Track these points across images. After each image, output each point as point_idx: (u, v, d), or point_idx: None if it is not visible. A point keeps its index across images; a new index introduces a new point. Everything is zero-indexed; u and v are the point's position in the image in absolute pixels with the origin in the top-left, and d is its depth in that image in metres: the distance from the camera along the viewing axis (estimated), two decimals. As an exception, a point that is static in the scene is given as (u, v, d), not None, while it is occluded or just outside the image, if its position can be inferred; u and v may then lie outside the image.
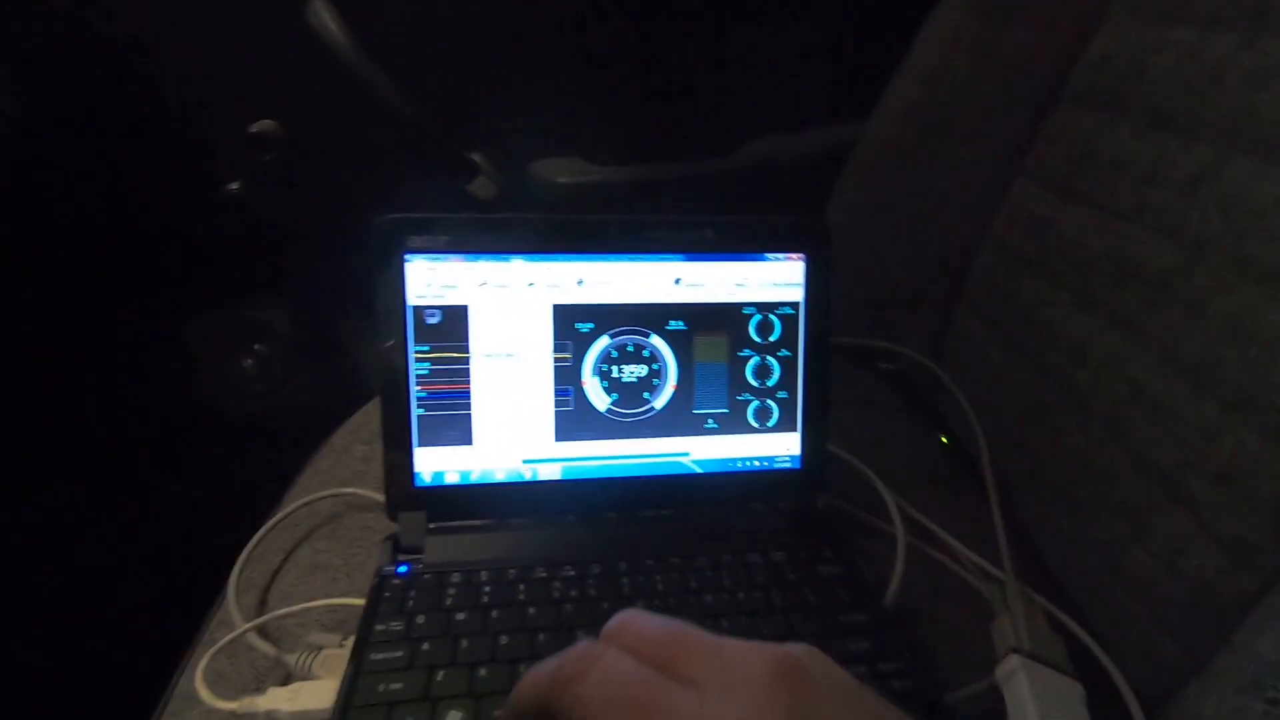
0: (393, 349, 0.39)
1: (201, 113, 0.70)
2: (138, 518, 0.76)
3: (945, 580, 0.45)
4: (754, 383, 0.43)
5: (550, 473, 0.42)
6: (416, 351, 0.40)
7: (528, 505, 0.42)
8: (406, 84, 0.65)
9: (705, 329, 0.43)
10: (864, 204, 0.59)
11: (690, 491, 0.43)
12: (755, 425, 0.44)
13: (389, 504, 0.41)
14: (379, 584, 0.37)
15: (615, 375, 0.42)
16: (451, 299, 0.40)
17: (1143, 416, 0.36)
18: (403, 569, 0.38)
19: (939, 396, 0.58)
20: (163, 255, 0.77)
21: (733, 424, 0.43)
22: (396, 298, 0.39)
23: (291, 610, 0.39)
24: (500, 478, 0.42)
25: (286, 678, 0.36)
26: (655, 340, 0.42)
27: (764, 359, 0.43)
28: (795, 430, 0.44)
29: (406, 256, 0.39)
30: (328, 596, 0.41)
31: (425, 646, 0.33)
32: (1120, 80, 0.43)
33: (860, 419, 0.60)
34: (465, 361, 0.40)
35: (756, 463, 0.44)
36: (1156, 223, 0.39)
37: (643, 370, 0.42)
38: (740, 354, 0.43)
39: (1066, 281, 0.44)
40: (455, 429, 0.41)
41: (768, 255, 0.43)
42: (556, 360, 0.41)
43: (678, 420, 0.43)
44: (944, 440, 0.60)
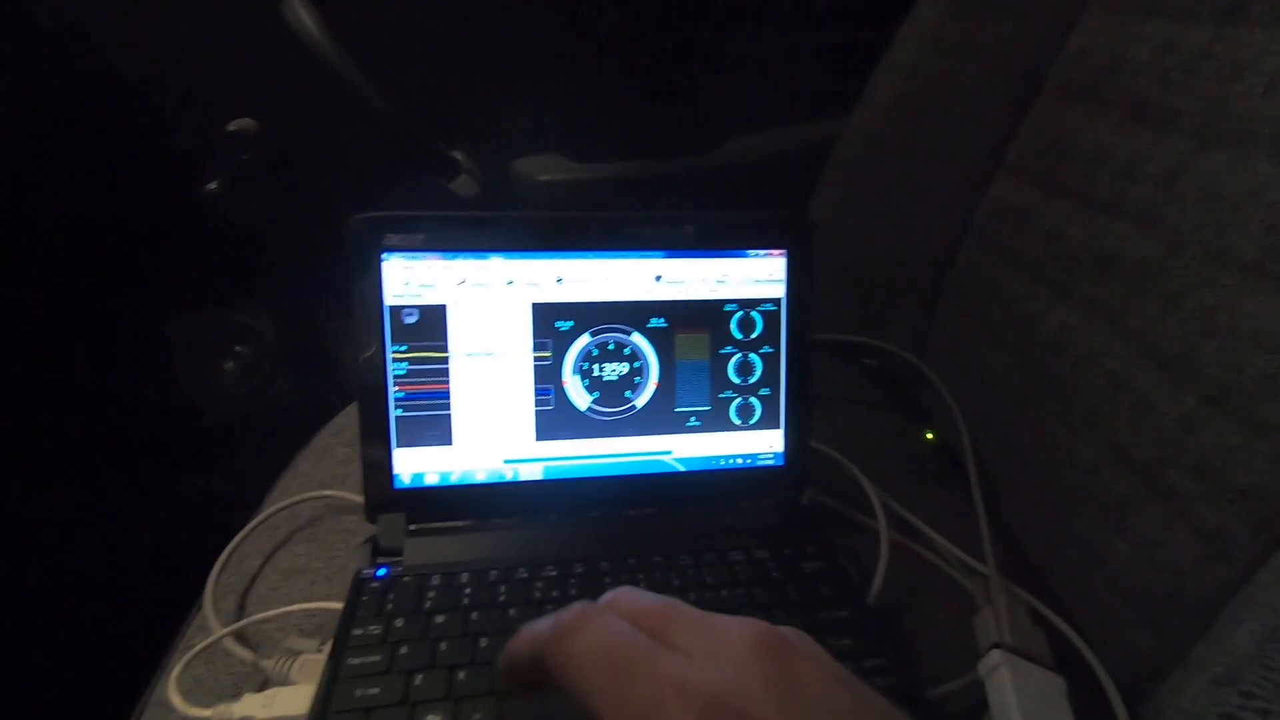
0: (370, 349, 0.39)
1: (178, 112, 0.69)
2: (118, 522, 0.75)
3: (929, 575, 0.44)
4: (736, 380, 0.43)
5: (531, 473, 0.42)
6: (394, 351, 0.39)
7: (509, 505, 0.42)
8: (387, 81, 0.64)
9: (687, 326, 0.42)
10: (846, 199, 0.59)
11: (673, 490, 0.43)
12: (738, 423, 0.43)
13: (368, 506, 0.40)
14: (357, 587, 0.37)
15: (596, 374, 0.41)
16: (429, 298, 0.39)
17: (1122, 410, 0.36)
18: (381, 572, 0.38)
19: (923, 391, 0.58)
20: (141, 257, 0.76)
21: (715, 422, 0.43)
22: (374, 297, 0.39)
23: (269, 615, 0.39)
24: (481, 478, 0.41)
25: (264, 683, 0.36)
26: (636, 338, 0.42)
27: (746, 356, 0.43)
28: (778, 427, 0.44)
29: (383, 255, 0.39)
30: (307, 600, 0.40)
31: (403, 650, 0.33)
32: (1098, 73, 0.43)
33: (845, 415, 0.60)
34: (444, 361, 0.40)
35: (740, 460, 0.44)
36: (1135, 215, 0.39)
37: (624, 368, 0.42)
38: (722, 351, 0.43)
39: (1047, 275, 0.44)
40: (434, 429, 0.40)
41: (749, 251, 0.43)
42: (536, 359, 0.41)
43: (660, 418, 0.43)
44: (929, 436, 0.60)
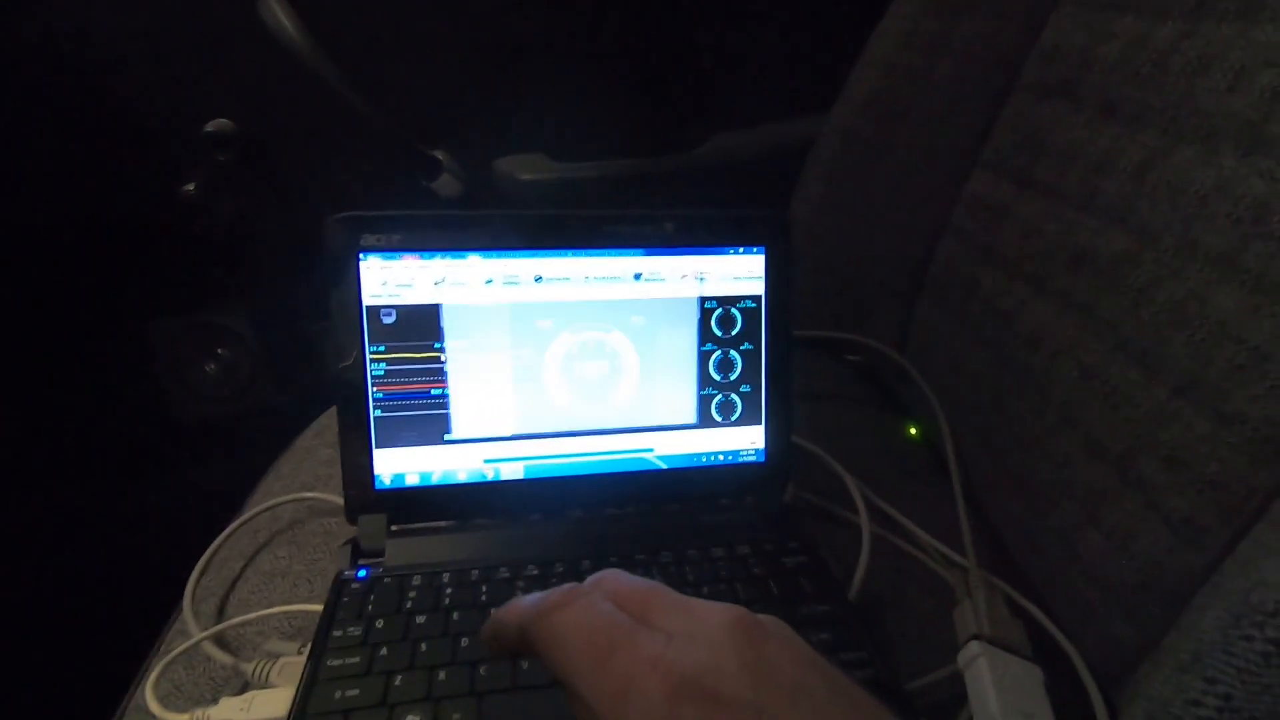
0: (348, 350, 0.39)
1: (155, 113, 0.68)
2: (98, 525, 0.74)
3: (911, 568, 0.45)
4: (717, 377, 0.43)
5: (512, 472, 0.42)
6: (373, 352, 0.39)
7: (490, 505, 0.42)
8: (368, 82, 0.64)
9: (666, 324, 0.42)
10: (827, 196, 0.59)
11: (655, 488, 0.43)
12: (719, 420, 0.44)
13: (348, 508, 0.40)
14: (337, 589, 0.37)
15: (576, 372, 0.41)
16: (407, 298, 0.39)
17: (1096, 402, 0.37)
18: (362, 573, 0.38)
19: (905, 387, 0.58)
20: (120, 259, 0.76)
21: (696, 419, 0.43)
22: (351, 298, 0.39)
23: (249, 618, 0.39)
24: (462, 478, 0.41)
25: (244, 687, 0.35)
26: (616, 336, 0.42)
27: (726, 353, 0.43)
28: (759, 424, 0.44)
29: (361, 256, 0.39)
30: (288, 603, 0.40)
31: (383, 651, 0.33)
32: (1071, 69, 0.43)
33: (828, 411, 0.60)
34: (423, 361, 0.40)
35: (721, 457, 0.44)
36: (1107, 210, 0.39)
37: (604, 366, 0.42)
38: (702, 348, 0.43)
39: (1023, 269, 0.44)
40: (414, 430, 0.40)
41: (728, 249, 0.43)
42: (516, 358, 0.41)
43: (640, 416, 0.43)
44: (912, 431, 0.60)
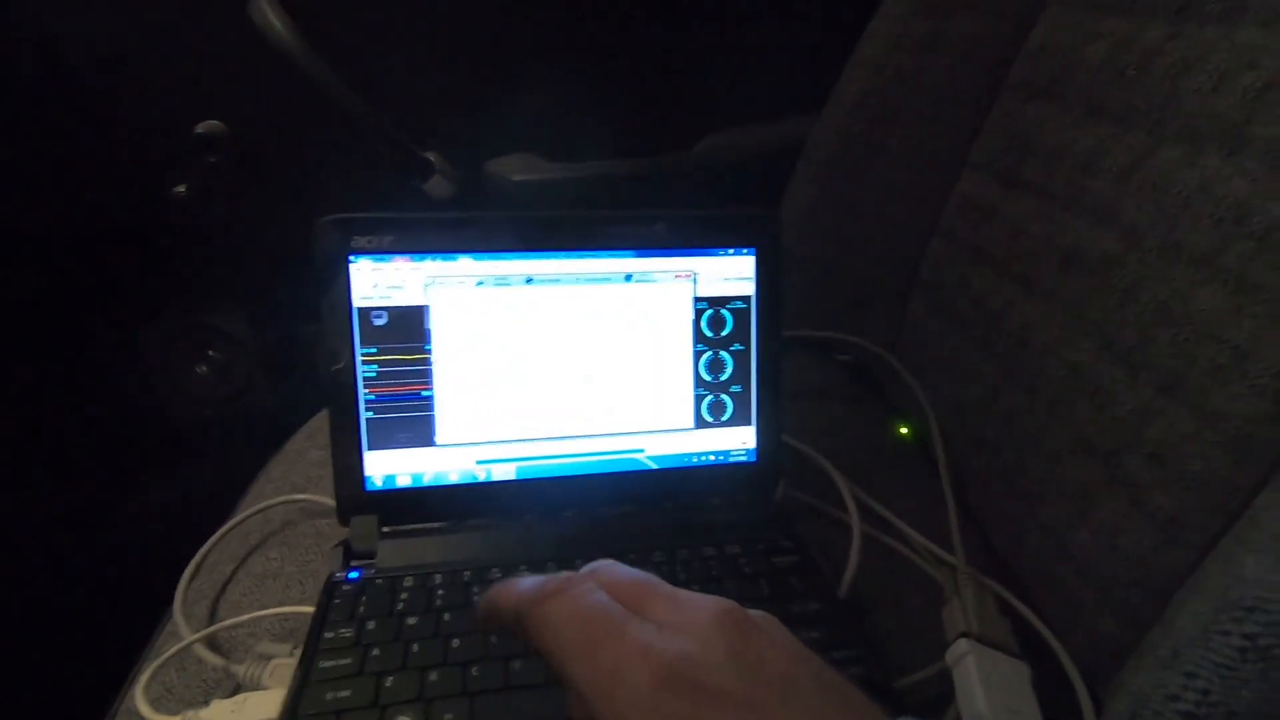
0: (339, 352, 0.39)
1: (146, 115, 0.68)
2: (91, 528, 0.74)
3: (901, 567, 0.45)
4: (707, 377, 0.43)
5: (504, 473, 0.42)
6: (364, 354, 0.39)
7: (482, 506, 0.42)
8: (359, 83, 0.64)
9: (657, 324, 0.42)
10: (819, 196, 0.59)
11: (647, 488, 0.43)
12: (710, 420, 0.44)
13: (340, 509, 0.40)
14: (329, 590, 0.37)
15: (567, 373, 0.42)
16: (398, 300, 0.39)
17: (1083, 400, 0.37)
18: (354, 574, 0.38)
19: (895, 386, 0.59)
20: (112, 260, 0.75)
21: (687, 419, 0.43)
22: (342, 299, 0.39)
23: (240, 620, 0.39)
24: (453, 479, 0.41)
25: (236, 689, 0.35)
26: (607, 337, 0.42)
27: (717, 354, 0.43)
28: (750, 424, 0.44)
29: (351, 258, 0.39)
30: (280, 605, 0.40)
31: (375, 652, 0.33)
32: (1058, 70, 0.44)
33: (820, 410, 0.60)
34: (414, 363, 0.40)
35: (712, 458, 0.44)
36: (1094, 210, 0.39)
37: (595, 367, 0.42)
38: (694, 349, 0.43)
39: (1012, 269, 0.45)
40: (406, 431, 0.40)
41: (718, 250, 0.43)
42: (507, 359, 0.41)
43: (632, 417, 0.43)
44: (903, 430, 0.60)
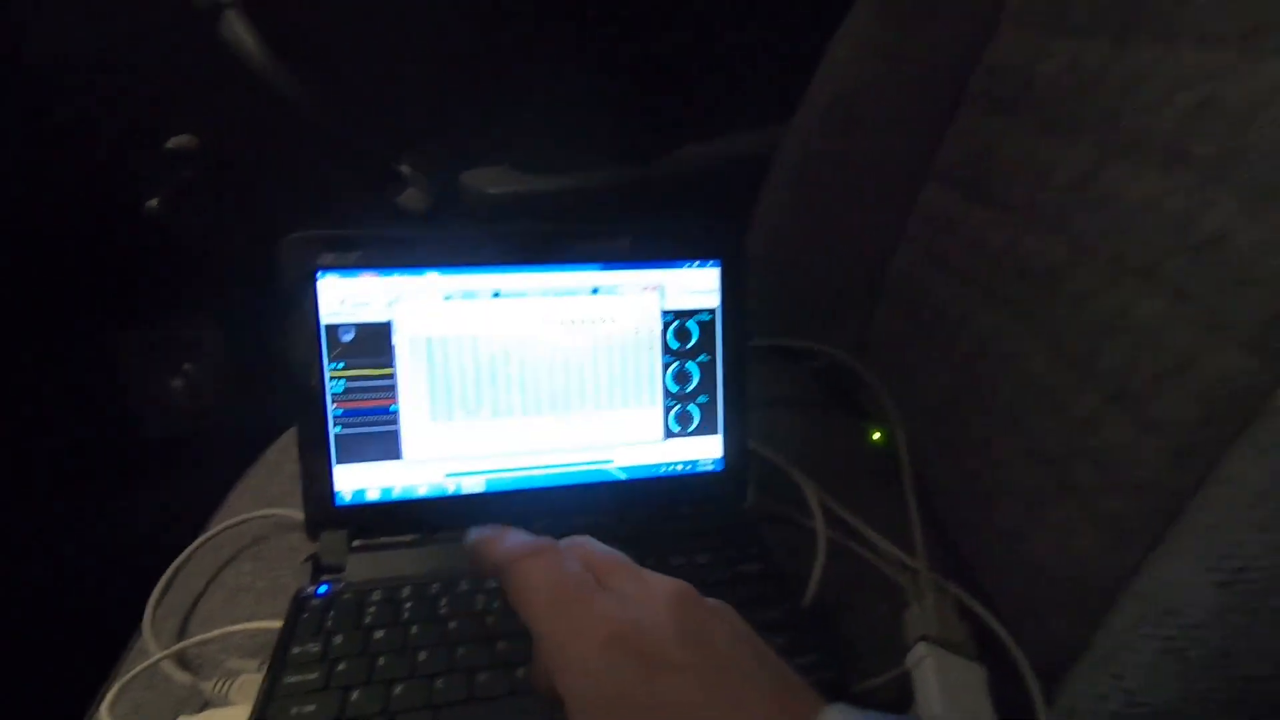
0: (307, 367, 0.39)
1: (118, 129, 0.68)
2: (62, 542, 0.73)
3: (866, 572, 0.46)
4: (674, 388, 0.44)
5: (474, 485, 0.42)
6: (332, 370, 0.40)
7: (452, 518, 0.42)
8: (330, 96, 0.64)
9: (624, 336, 0.43)
10: (789, 205, 0.60)
11: (616, 498, 0.44)
12: (677, 430, 0.44)
13: (309, 524, 0.40)
14: (297, 605, 0.37)
15: (535, 385, 0.42)
16: (365, 315, 0.40)
17: (1036, 407, 0.38)
18: (322, 589, 0.38)
19: (864, 392, 0.60)
20: (84, 273, 0.75)
21: (655, 430, 0.44)
22: (310, 316, 0.39)
23: (209, 636, 0.39)
24: (423, 492, 0.42)
25: (204, 705, 0.36)
26: (574, 349, 0.42)
27: (683, 364, 0.44)
28: (717, 433, 0.45)
29: (318, 274, 0.39)
30: (250, 620, 0.40)
31: (341, 666, 0.33)
32: (1013, 86, 0.45)
33: (790, 417, 0.61)
34: (382, 378, 0.40)
35: (680, 467, 0.45)
36: (1047, 222, 0.40)
37: (563, 379, 0.42)
38: (661, 361, 0.44)
39: (971, 278, 0.46)
40: (374, 446, 0.41)
41: (684, 262, 0.44)
42: (475, 373, 0.41)
43: (600, 428, 0.43)
44: (875, 436, 0.61)
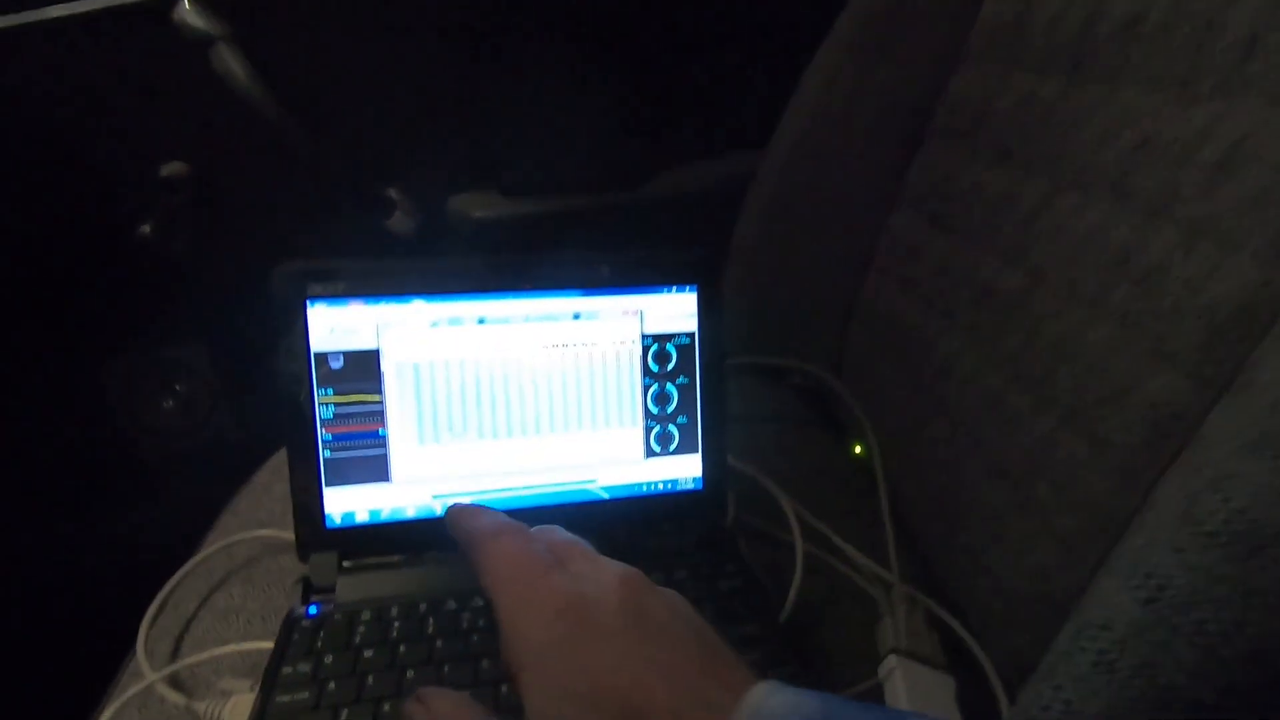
0: (297, 395, 0.40)
1: (111, 157, 0.69)
2: (54, 564, 0.74)
3: (842, 585, 0.47)
4: (655, 410, 0.46)
5: (460, 506, 0.43)
6: (321, 396, 0.41)
7: (440, 539, 0.42)
8: (320, 121, 0.66)
9: (605, 360, 0.45)
10: (765, 231, 0.62)
11: (599, 517, 0.45)
12: (658, 450, 0.46)
13: (299, 546, 0.41)
14: (288, 626, 0.38)
15: (520, 409, 0.44)
16: (354, 343, 0.41)
17: (997, 428, 0.40)
18: (313, 610, 0.39)
19: (841, 410, 0.61)
20: (77, 298, 0.76)
21: (637, 450, 0.45)
22: (299, 345, 0.41)
23: (203, 657, 0.40)
24: (411, 514, 0.43)
25: (197, 726, 0.37)
26: (557, 373, 0.44)
27: (663, 386, 0.46)
28: (696, 452, 0.47)
29: (308, 303, 0.41)
30: (243, 641, 0.41)
31: (331, 685, 0.34)
32: (971, 119, 0.47)
33: (770, 434, 0.63)
34: (370, 404, 0.42)
35: (661, 486, 0.46)
36: (1005, 250, 0.42)
37: (546, 403, 0.44)
38: (641, 383, 0.45)
39: (936, 303, 0.48)
40: (363, 469, 0.42)
41: (662, 288, 0.45)
42: (461, 397, 0.43)
43: (583, 449, 0.45)
44: (857, 450, 0.63)
